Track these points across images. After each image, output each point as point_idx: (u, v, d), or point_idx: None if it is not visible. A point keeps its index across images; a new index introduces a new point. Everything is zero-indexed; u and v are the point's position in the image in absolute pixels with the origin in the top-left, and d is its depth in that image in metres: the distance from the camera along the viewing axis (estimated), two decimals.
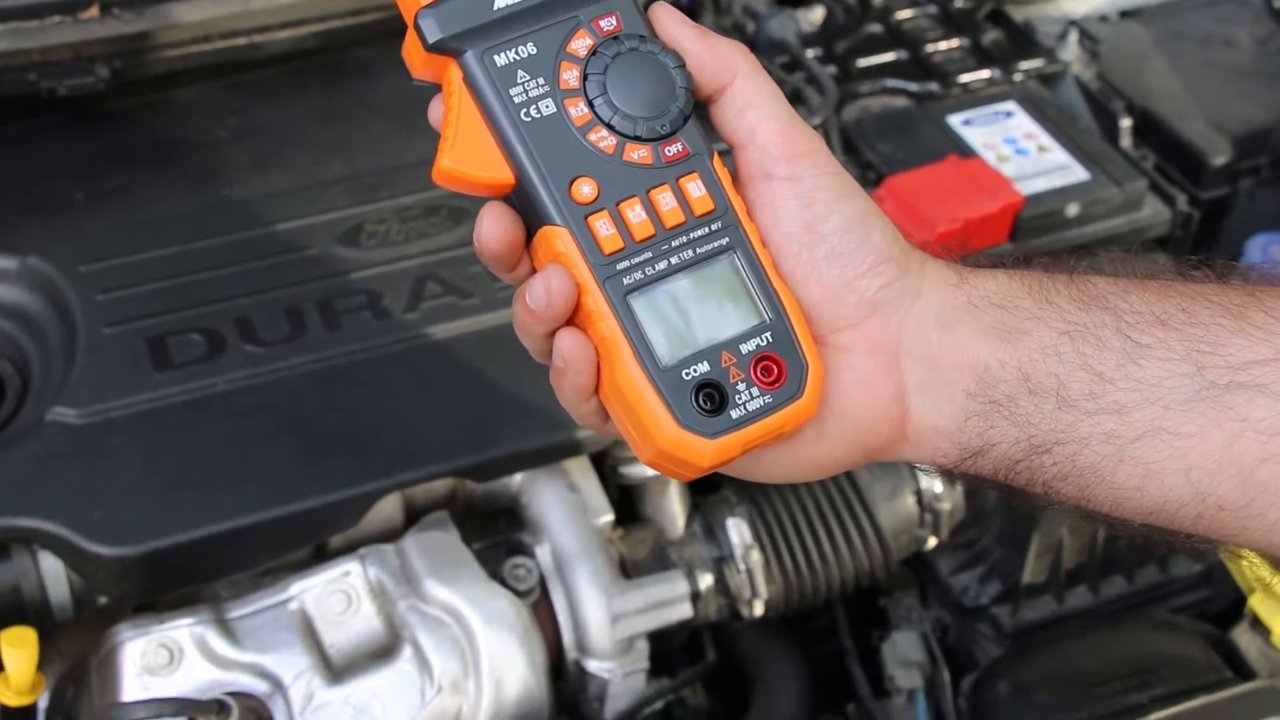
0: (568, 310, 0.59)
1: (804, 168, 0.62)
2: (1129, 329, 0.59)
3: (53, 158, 1.23)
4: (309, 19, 1.29)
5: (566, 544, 1.09)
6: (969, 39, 1.51)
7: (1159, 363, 0.58)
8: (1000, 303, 0.62)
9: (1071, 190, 1.32)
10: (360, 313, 1.12)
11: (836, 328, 0.62)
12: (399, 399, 1.08)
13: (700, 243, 0.61)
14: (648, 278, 0.60)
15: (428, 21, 0.60)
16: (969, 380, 0.61)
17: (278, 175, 1.23)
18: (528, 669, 1.03)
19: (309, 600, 1.03)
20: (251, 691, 1.00)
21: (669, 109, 0.61)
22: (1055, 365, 0.60)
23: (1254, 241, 1.38)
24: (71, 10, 1.20)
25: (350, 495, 1.03)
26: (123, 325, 1.10)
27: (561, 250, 0.59)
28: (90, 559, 0.98)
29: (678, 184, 0.61)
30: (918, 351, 0.62)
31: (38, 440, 1.02)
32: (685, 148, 0.61)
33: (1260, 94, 1.47)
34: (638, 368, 0.59)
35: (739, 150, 0.63)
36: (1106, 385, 0.59)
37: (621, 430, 0.62)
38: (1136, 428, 0.58)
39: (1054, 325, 0.60)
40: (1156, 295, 0.60)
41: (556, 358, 0.60)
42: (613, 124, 0.60)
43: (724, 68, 0.62)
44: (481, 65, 0.60)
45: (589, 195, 0.60)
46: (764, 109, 0.62)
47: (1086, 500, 0.61)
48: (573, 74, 0.61)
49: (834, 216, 0.61)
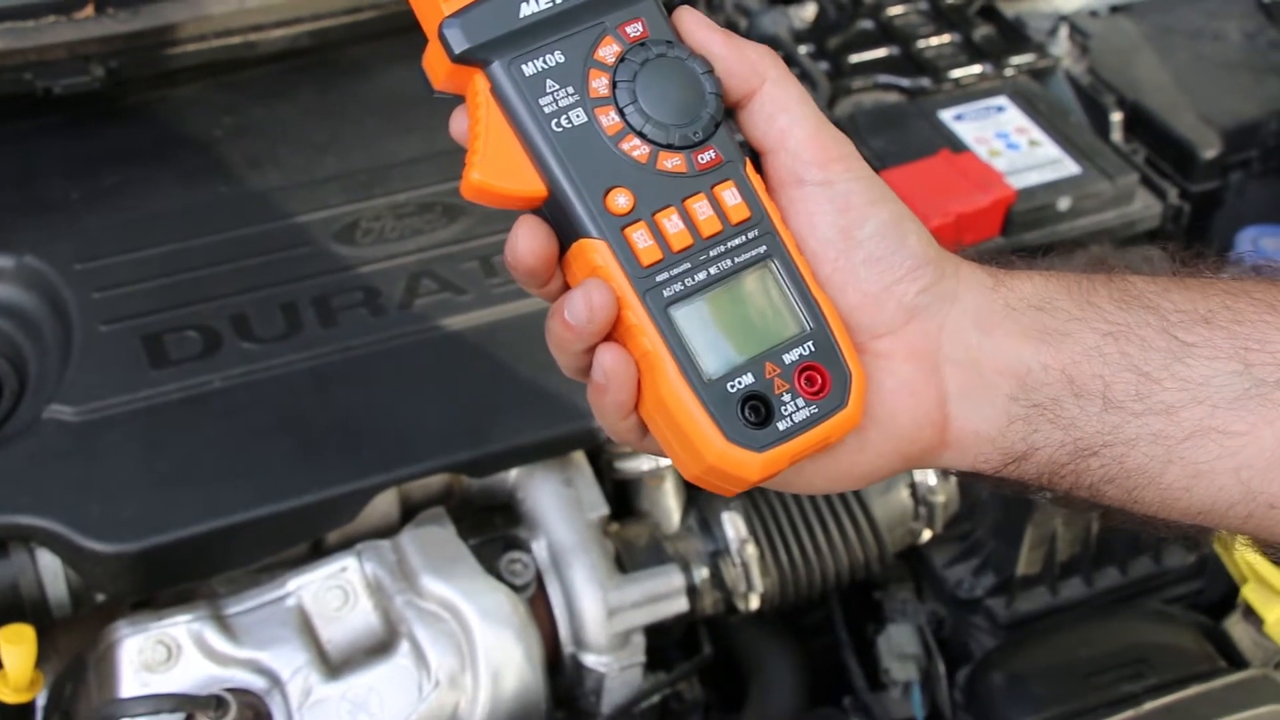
0: (609, 325, 0.58)
1: (837, 172, 0.61)
2: (1174, 328, 0.58)
3: (49, 156, 1.23)
4: (303, 18, 1.29)
5: (563, 538, 1.09)
6: (960, 34, 1.51)
7: (1206, 361, 0.57)
8: (1039, 305, 0.61)
9: (1063, 184, 1.33)
10: (356, 309, 1.13)
11: (875, 334, 0.61)
12: (395, 395, 1.08)
13: (738, 251, 0.59)
14: (688, 289, 0.59)
15: (453, 31, 0.58)
16: (1011, 384, 0.60)
17: (273, 173, 1.24)
18: (525, 663, 1.03)
19: (306, 596, 1.03)
20: (249, 687, 1.00)
21: (700, 115, 0.60)
22: (1100, 366, 0.59)
23: (1244, 234, 1.38)
24: (67, 10, 1.20)
25: (347, 491, 1.03)
26: (119, 323, 1.10)
27: (600, 263, 0.58)
28: (88, 556, 0.98)
29: (713, 192, 0.60)
30: (957, 356, 0.61)
31: (35, 438, 1.03)
32: (718, 154, 0.60)
33: (1250, 88, 1.48)
34: (682, 381, 0.58)
35: (769, 156, 0.62)
36: (1153, 385, 0.58)
37: (663, 445, 0.61)
38: (1185, 427, 0.57)
39: (1096, 326, 0.59)
40: (1198, 293, 0.59)
41: (597, 373, 0.59)
42: (645, 132, 0.59)
43: (753, 72, 0.61)
44: (509, 75, 0.58)
45: (625, 206, 0.58)
46: (794, 113, 0.61)
47: (1134, 502, 0.60)
48: (602, 82, 0.59)
49: (870, 221, 0.60)
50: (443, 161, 1.23)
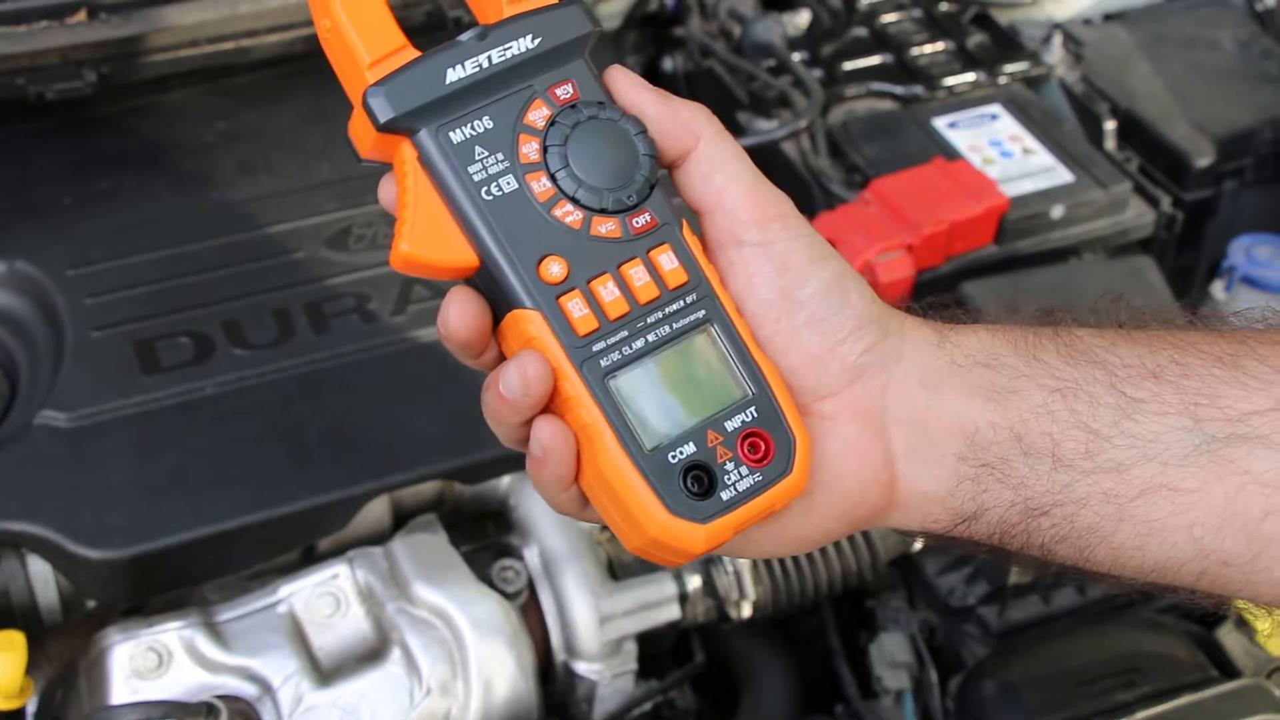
0: (545, 397, 0.57)
1: (775, 231, 0.60)
2: (1121, 383, 0.58)
3: (41, 162, 1.23)
4: (295, 23, 1.29)
5: (554, 546, 1.09)
6: (954, 42, 1.52)
7: (1155, 417, 0.57)
8: (985, 361, 0.60)
9: (1056, 192, 1.33)
10: (348, 316, 1.13)
11: (819, 396, 0.60)
12: (387, 402, 1.08)
13: (676, 317, 0.58)
14: (625, 358, 0.57)
15: (377, 100, 0.56)
16: (959, 443, 0.59)
17: (265, 179, 1.24)
18: (516, 671, 1.03)
19: (297, 603, 1.03)
20: (240, 695, 1.00)
21: (634, 178, 0.58)
22: (1048, 424, 0.58)
23: (1237, 243, 1.38)
24: (60, 15, 1.20)
25: (338, 498, 1.03)
26: (111, 329, 1.10)
27: (534, 334, 0.57)
28: (79, 562, 0.98)
29: (649, 257, 0.58)
30: (904, 415, 0.60)
31: (26, 444, 1.02)
32: (654, 218, 0.59)
33: (1243, 96, 1.48)
34: (621, 453, 0.56)
35: (706, 216, 0.60)
36: (1103, 443, 0.57)
37: (604, 518, 0.59)
38: (1136, 485, 0.57)
39: (1044, 383, 0.59)
40: (1145, 348, 0.59)
41: (534, 447, 0.57)
42: (578, 197, 0.58)
43: (687, 132, 0.60)
44: (436, 143, 0.56)
45: (559, 275, 0.57)
46: (730, 172, 0.60)
47: (1086, 561, 0.59)
48: (532, 147, 0.58)
49: (810, 281, 0.59)
50: None
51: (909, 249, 1.24)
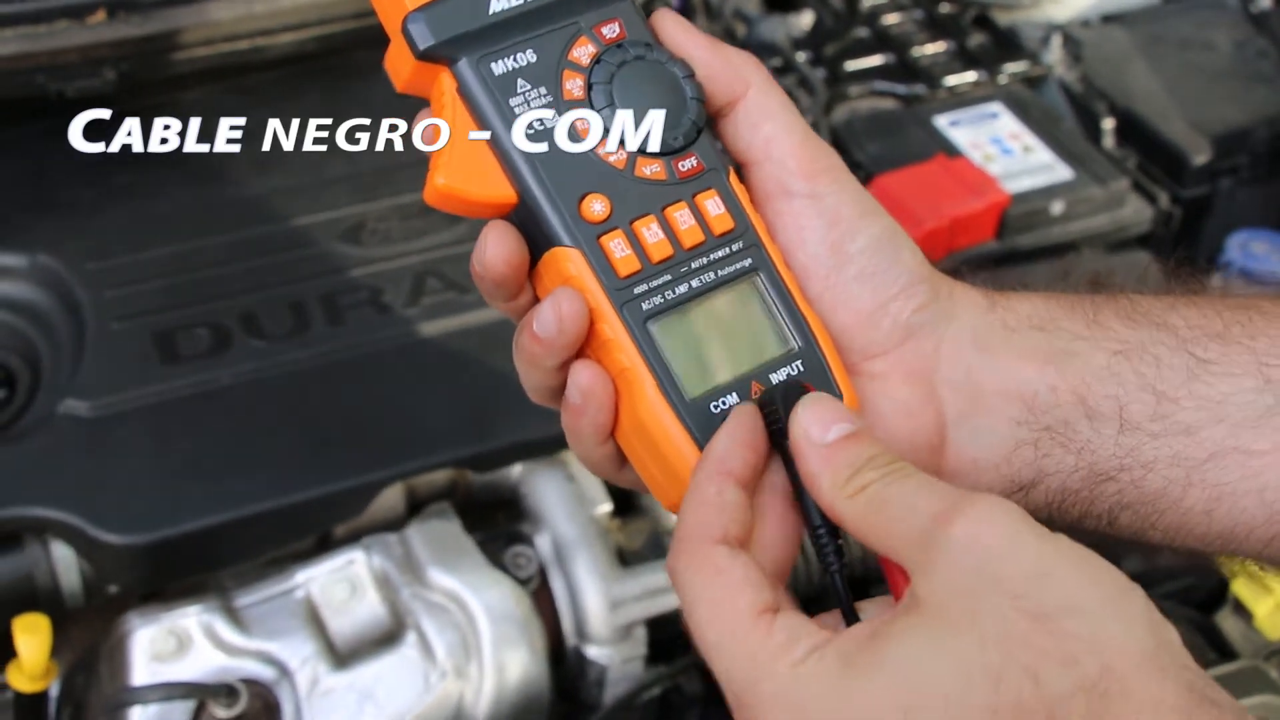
0: (580, 337, 0.54)
1: (824, 184, 0.58)
2: (1188, 345, 0.56)
3: (61, 158, 1.25)
4: (309, 23, 1.31)
5: (565, 533, 1.11)
6: (955, 42, 1.54)
7: (1225, 378, 0.55)
8: (1039, 325, 0.58)
9: (1056, 189, 1.35)
10: (362, 308, 1.15)
11: (869, 355, 0.58)
12: (401, 392, 1.10)
13: (722, 264, 0.56)
14: (668, 302, 0.55)
15: (417, 26, 0.55)
16: (1015, 408, 0.57)
17: (280, 175, 1.26)
18: (529, 654, 1.05)
19: (314, 588, 1.05)
20: (258, 677, 1.02)
21: (681, 120, 0.57)
22: (1113, 387, 0.56)
23: (1233, 239, 1.41)
24: (79, 15, 1.22)
25: (354, 485, 1.05)
26: (131, 320, 1.12)
27: (573, 273, 0.54)
28: (101, 547, 1.00)
29: (694, 201, 0.56)
30: (956, 378, 0.57)
31: (49, 432, 1.04)
32: (700, 162, 0.57)
33: (1239, 95, 1.51)
34: (662, 401, 0.54)
35: (753, 167, 0.59)
36: (1171, 405, 0.55)
37: (641, 472, 0.56)
38: (1206, 448, 0.55)
39: (1104, 346, 0.57)
40: (1208, 309, 0.57)
41: (573, 393, 0.55)
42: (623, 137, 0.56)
43: (736, 78, 0.58)
44: (477, 73, 0.55)
45: (600, 213, 0.55)
46: (780, 122, 0.58)
47: (1149, 528, 0.57)
48: (576, 83, 0.56)
49: (861, 235, 0.57)
50: None
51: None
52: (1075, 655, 0.44)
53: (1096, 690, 0.43)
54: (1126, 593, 0.46)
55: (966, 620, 0.45)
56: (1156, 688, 0.44)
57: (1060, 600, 0.45)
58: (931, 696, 0.44)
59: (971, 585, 0.45)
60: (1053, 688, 0.44)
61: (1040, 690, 0.44)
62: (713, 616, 0.49)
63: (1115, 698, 0.43)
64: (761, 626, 0.48)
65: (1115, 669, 0.44)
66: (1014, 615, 0.44)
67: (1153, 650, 0.45)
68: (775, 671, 0.47)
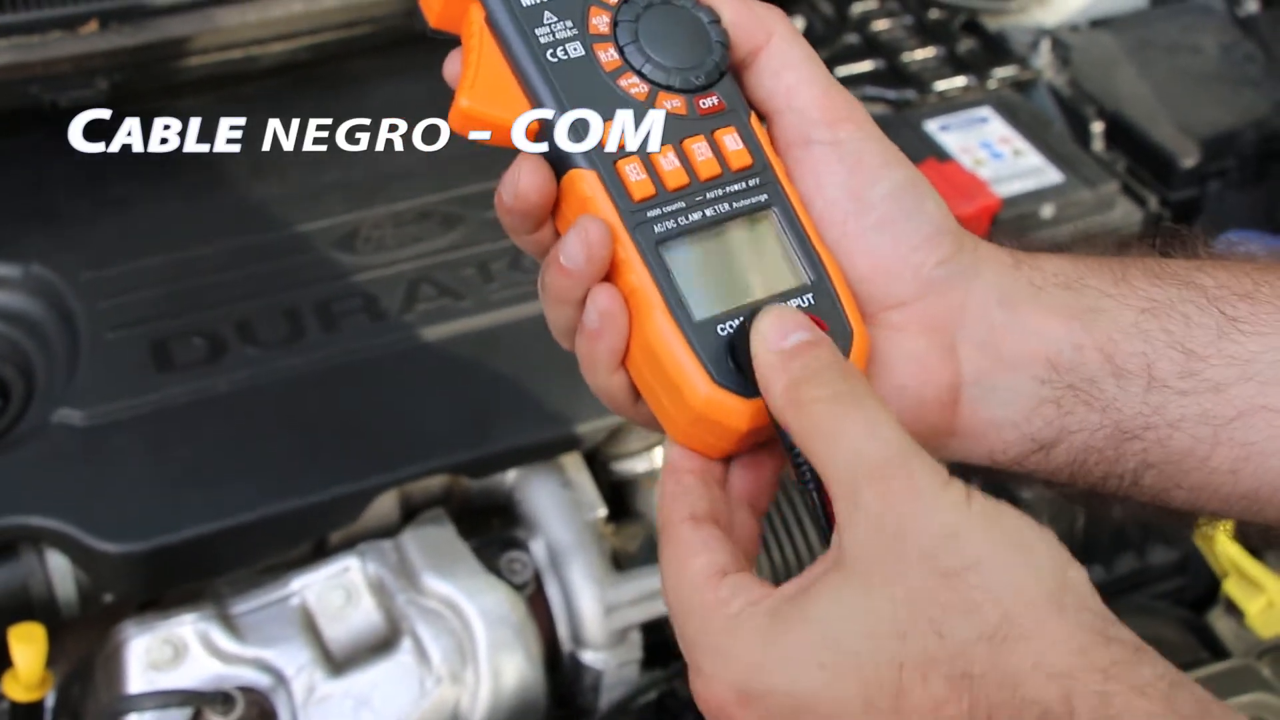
0: (605, 264, 0.55)
1: (846, 131, 0.57)
2: (1217, 303, 0.56)
3: (55, 168, 1.26)
4: (302, 32, 1.32)
5: (560, 538, 1.11)
6: (944, 48, 1.55)
7: (1254, 337, 0.55)
8: (1066, 283, 0.57)
9: (1046, 192, 1.36)
10: (357, 315, 1.15)
11: (887, 305, 0.57)
12: (396, 398, 1.10)
13: (737, 197, 0.57)
14: (680, 227, 0.56)
15: None
16: (1038, 366, 0.56)
17: (275, 183, 1.26)
18: (525, 659, 1.05)
19: (310, 595, 1.05)
20: (255, 685, 1.02)
21: (704, 61, 0.58)
22: (1140, 344, 0.55)
23: (1222, 241, 1.41)
24: (72, 25, 1.23)
25: (349, 492, 1.05)
26: (126, 329, 1.12)
27: (588, 194, 0.55)
28: (97, 556, 1.00)
29: (713, 136, 0.57)
30: (978, 336, 0.57)
31: (44, 441, 1.05)
32: (721, 102, 0.58)
33: (1227, 98, 1.51)
34: (669, 321, 0.54)
35: (775, 116, 0.59)
36: (1199, 363, 0.55)
37: (649, 399, 0.57)
38: (1234, 406, 0.54)
39: (1131, 303, 0.56)
40: (1235, 270, 0.57)
41: (590, 315, 0.55)
42: (644, 71, 0.57)
43: (760, 27, 0.58)
44: (505, 3, 0.57)
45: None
46: (802, 71, 0.58)
47: (1174, 488, 0.57)
48: (603, 19, 0.58)
49: (883, 182, 0.57)
50: (441, 171, 1.26)
51: None
52: (977, 604, 0.46)
53: (997, 636, 0.45)
54: (1033, 542, 0.48)
55: (880, 580, 0.47)
56: (1055, 627, 0.45)
57: (966, 557, 0.47)
58: (844, 653, 0.47)
59: (888, 546, 0.48)
60: (956, 637, 0.46)
61: (944, 642, 0.46)
62: (673, 582, 0.53)
63: (1015, 641, 0.45)
64: (710, 585, 0.51)
65: (1014, 614, 0.46)
66: (923, 574, 0.47)
67: (1054, 592, 0.46)
68: (712, 624, 0.51)
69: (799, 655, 0.48)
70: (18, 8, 1.22)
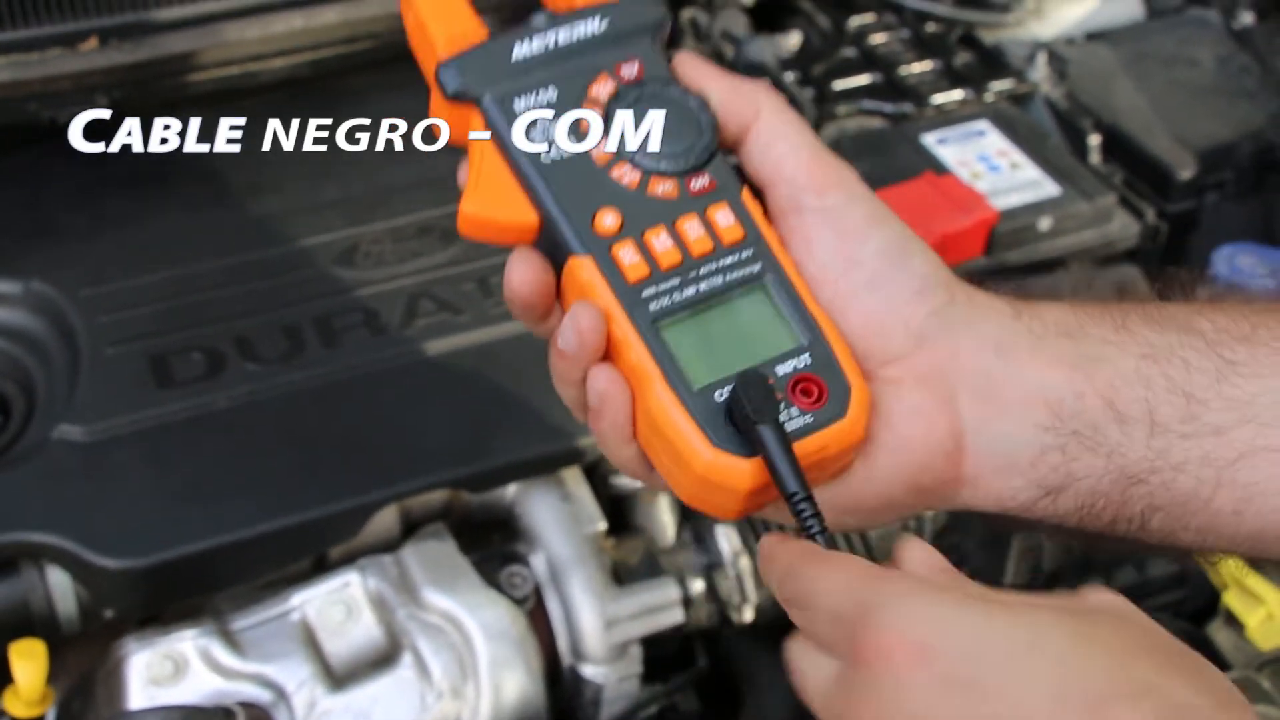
0: (600, 345, 0.57)
1: (834, 197, 0.60)
2: (1216, 347, 0.57)
3: (55, 184, 1.26)
4: (302, 47, 1.32)
5: (560, 552, 1.12)
6: (941, 61, 1.55)
7: (1252, 379, 0.56)
8: (1067, 332, 0.59)
9: (1043, 205, 1.36)
10: (357, 330, 1.15)
11: (884, 360, 0.59)
12: (396, 413, 1.10)
13: (730, 270, 0.59)
14: (676, 303, 0.58)
15: (448, 72, 0.60)
16: (1040, 414, 0.57)
17: (274, 199, 1.26)
18: (525, 674, 1.06)
19: (310, 611, 1.05)
20: (256, 700, 1.02)
21: (694, 145, 0.60)
22: (1142, 390, 0.57)
23: (1220, 253, 1.41)
24: (71, 43, 1.23)
25: (349, 507, 1.05)
26: (125, 345, 1.12)
27: (586, 280, 0.58)
28: (97, 572, 1.00)
29: (705, 214, 0.60)
30: (975, 384, 0.58)
31: (44, 457, 1.05)
32: (712, 180, 0.60)
33: (1223, 111, 1.52)
34: (669, 392, 0.56)
35: (769, 189, 0.61)
36: (1200, 407, 0.56)
37: (660, 469, 0.59)
38: (1235, 448, 0.56)
39: (1132, 350, 0.57)
40: (1233, 314, 0.58)
41: (591, 395, 0.58)
42: (635, 160, 0.60)
43: (748, 105, 0.61)
44: (502, 110, 0.60)
45: (612, 225, 0.58)
46: (791, 141, 0.60)
47: (1180, 530, 0.58)
48: (595, 115, 0.60)
49: (870, 241, 0.59)
50: (440, 186, 1.26)
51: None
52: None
53: None
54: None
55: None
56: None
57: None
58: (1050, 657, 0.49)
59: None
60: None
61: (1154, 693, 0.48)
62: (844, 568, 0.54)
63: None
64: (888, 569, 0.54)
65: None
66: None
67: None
68: (905, 582, 0.53)
69: (1008, 637, 0.49)
70: (17, 24, 1.22)
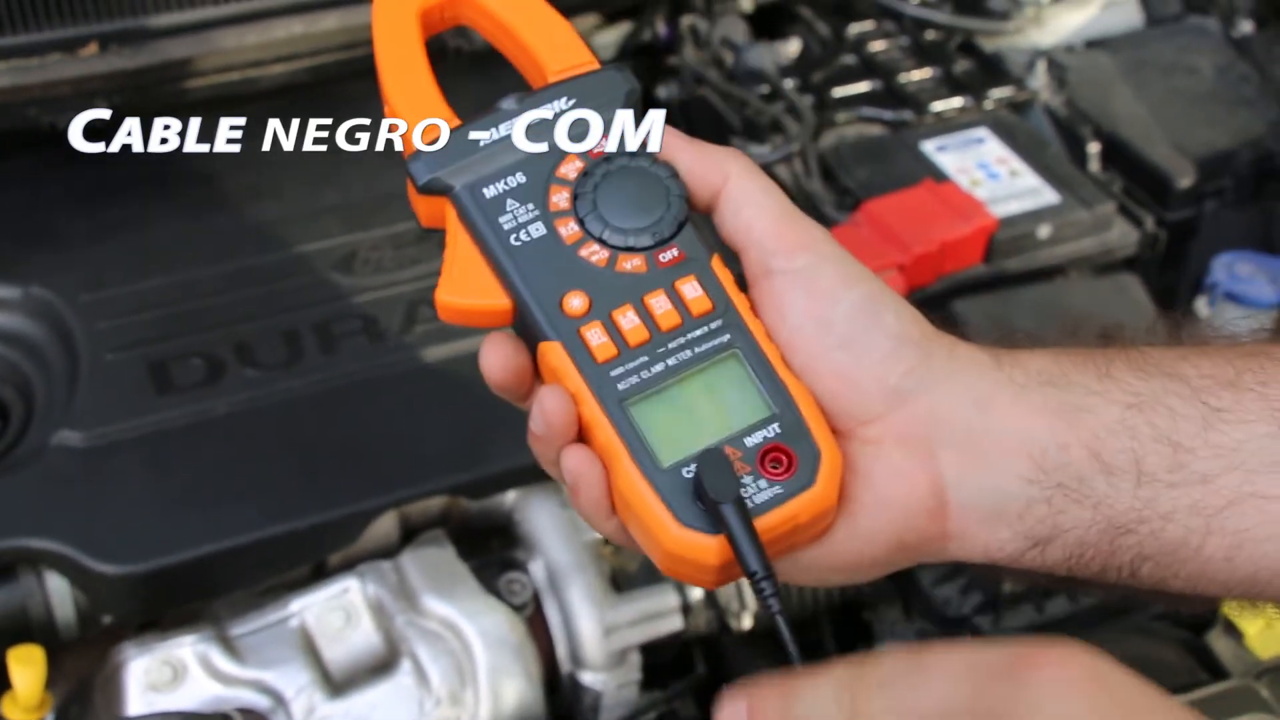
0: (570, 428, 0.57)
1: (803, 259, 0.59)
2: (1201, 394, 0.56)
3: (54, 190, 1.26)
4: (301, 54, 1.32)
5: (559, 559, 1.12)
6: (941, 69, 1.55)
7: (1238, 425, 0.56)
8: (1050, 380, 0.58)
9: (1043, 213, 1.36)
10: (356, 337, 1.16)
11: (861, 421, 0.58)
12: (395, 420, 1.11)
13: (699, 342, 0.59)
14: (644, 381, 0.58)
15: (416, 165, 0.61)
16: (1023, 465, 0.57)
17: (274, 205, 1.26)
18: (524, 680, 1.06)
19: (309, 617, 1.06)
20: (254, 707, 1.02)
21: (662, 218, 0.60)
22: (1128, 440, 0.56)
23: (1219, 260, 1.42)
24: (71, 48, 1.23)
25: (348, 513, 1.05)
26: (125, 351, 1.12)
27: (556, 364, 0.58)
28: (96, 578, 1.00)
29: (673, 287, 0.59)
30: (955, 439, 0.57)
31: (43, 463, 1.05)
32: (681, 252, 0.60)
33: (1222, 119, 1.52)
34: (636, 471, 0.57)
35: (743, 254, 0.60)
36: (1186, 455, 0.56)
37: (639, 542, 0.59)
38: (1223, 496, 0.55)
39: (1117, 399, 0.57)
40: (1218, 359, 0.58)
41: (565, 475, 0.58)
42: (603, 238, 0.60)
43: (716, 170, 0.60)
44: (471, 198, 0.60)
45: (580, 308, 0.59)
46: (758, 205, 0.60)
47: (1171, 578, 0.57)
48: (562, 196, 0.60)
49: (841, 302, 0.58)
50: None
51: (901, 268, 1.28)
52: None
53: None
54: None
55: None
56: None
57: None
58: None
59: None
60: None
61: None
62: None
63: None
64: None
65: None
66: None
67: None
68: None
69: None
70: (17, 30, 1.22)
